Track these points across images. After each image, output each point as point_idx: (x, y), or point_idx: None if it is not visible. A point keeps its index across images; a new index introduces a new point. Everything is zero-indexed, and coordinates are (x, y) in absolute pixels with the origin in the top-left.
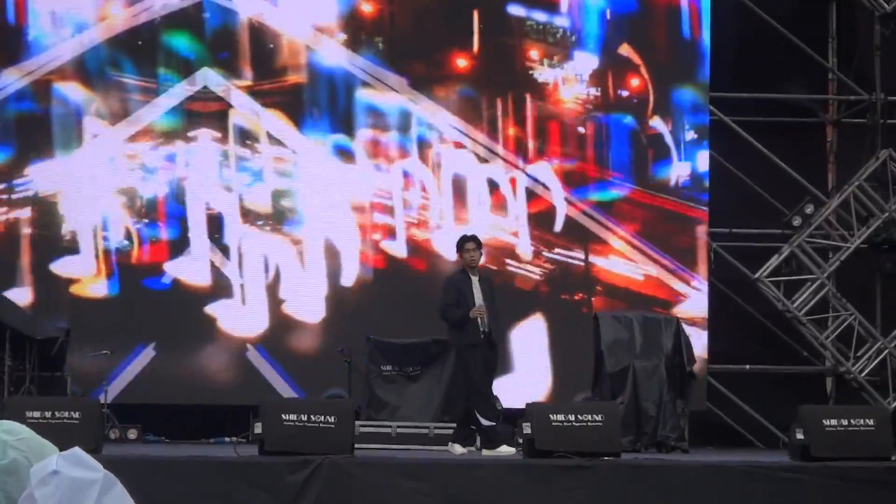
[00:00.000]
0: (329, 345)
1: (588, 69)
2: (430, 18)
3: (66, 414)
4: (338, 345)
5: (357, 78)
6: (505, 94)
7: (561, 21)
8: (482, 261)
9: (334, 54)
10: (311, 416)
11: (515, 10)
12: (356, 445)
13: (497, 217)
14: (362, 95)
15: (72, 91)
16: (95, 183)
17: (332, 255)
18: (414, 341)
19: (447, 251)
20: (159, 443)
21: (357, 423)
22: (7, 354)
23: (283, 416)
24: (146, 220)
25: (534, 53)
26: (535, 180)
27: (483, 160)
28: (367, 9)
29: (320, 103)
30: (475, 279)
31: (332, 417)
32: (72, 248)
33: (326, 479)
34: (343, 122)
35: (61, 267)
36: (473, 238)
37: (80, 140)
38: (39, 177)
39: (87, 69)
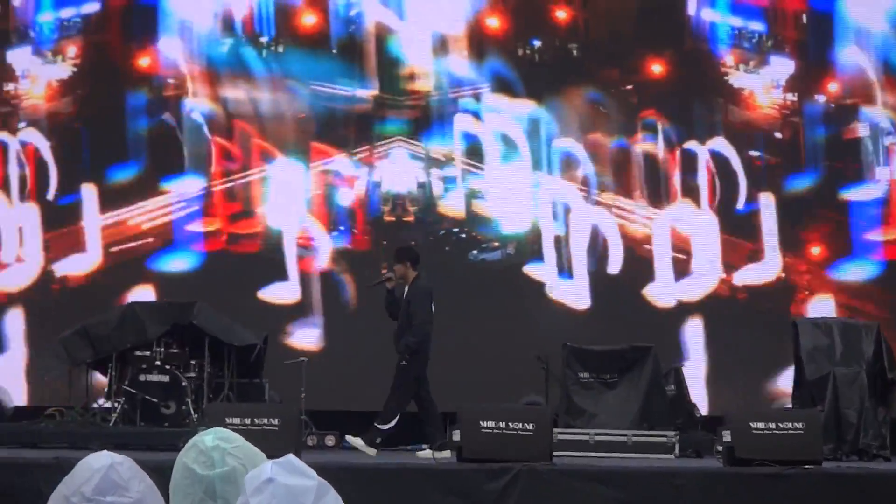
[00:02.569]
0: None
1: (785, 74)
2: (623, 24)
3: (265, 420)
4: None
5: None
6: (700, 99)
7: (756, 25)
8: (402, 271)
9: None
10: (510, 424)
11: (710, 15)
12: (554, 453)
13: (694, 222)
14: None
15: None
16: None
17: None
18: (611, 348)
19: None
20: (357, 450)
21: (555, 430)
22: (206, 361)
23: (481, 423)
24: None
25: (729, 59)
26: (732, 186)
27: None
28: (562, 15)
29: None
30: (406, 289)
31: (531, 424)
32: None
33: (525, 487)
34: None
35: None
36: (394, 252)
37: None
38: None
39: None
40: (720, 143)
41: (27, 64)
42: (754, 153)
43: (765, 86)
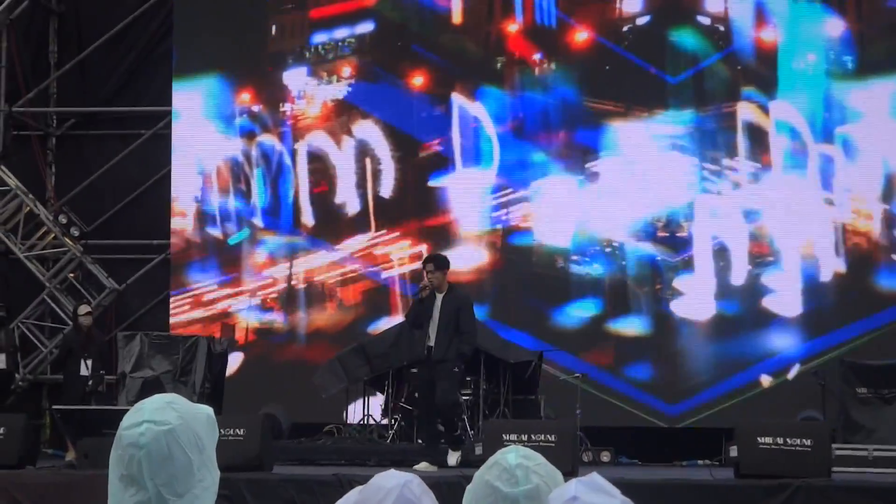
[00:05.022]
0: None
1: None
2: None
3: (542, 437)
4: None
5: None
6: None
7: None
8: (442, 280)
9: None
10: (787, 440)
11: None
12: (832, 468)
13: None
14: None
15: None
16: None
17: None
18: (890, 363)
19: None
20: (632, 465)
21: (833, 445)
22: (482, 378)
23: (758, 439)
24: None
25: None
26: None
27: None
28: (836, 30)
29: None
30: (440, 297)
31: (808, 440)
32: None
33: (803, 503)
34: None
35: None
36: (430, 259)
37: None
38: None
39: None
40: None
41: (302, 85)
42: None
43: None
